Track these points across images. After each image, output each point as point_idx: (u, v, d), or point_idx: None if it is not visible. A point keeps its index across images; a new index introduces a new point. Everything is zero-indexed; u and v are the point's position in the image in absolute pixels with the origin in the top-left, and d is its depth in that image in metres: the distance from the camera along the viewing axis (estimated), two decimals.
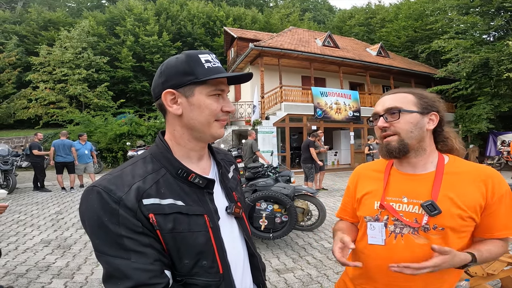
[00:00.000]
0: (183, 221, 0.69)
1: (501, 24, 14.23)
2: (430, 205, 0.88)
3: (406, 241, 0.91)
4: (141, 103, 22.19)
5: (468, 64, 13.64)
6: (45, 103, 17.42)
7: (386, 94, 1.01)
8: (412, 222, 0.90)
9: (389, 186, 0.99)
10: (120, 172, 0.71)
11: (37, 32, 22.06)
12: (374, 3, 32.86)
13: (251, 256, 0.87)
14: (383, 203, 0.96)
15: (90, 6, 30.36)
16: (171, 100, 0.74)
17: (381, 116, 0.96)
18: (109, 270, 0.63)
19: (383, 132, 0.96)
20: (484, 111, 14.06)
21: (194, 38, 25.02)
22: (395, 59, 18.30)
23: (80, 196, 0.66)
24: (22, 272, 3.11)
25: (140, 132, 13.64)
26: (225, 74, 0.73)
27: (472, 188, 0.90)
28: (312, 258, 3.56)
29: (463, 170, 0.94)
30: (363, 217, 1.02)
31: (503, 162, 12.41)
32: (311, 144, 7.51)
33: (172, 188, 0.72)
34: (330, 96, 13.41)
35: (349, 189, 1.16)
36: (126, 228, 0.63)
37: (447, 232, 0.88)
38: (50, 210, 5.91)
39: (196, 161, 0.80)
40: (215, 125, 0.76)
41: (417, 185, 0.95)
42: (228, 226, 0.80)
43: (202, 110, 0.73)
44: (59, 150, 7.65)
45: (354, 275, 1.05)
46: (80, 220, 0.67)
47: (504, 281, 2.68)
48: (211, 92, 0.74)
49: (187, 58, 0.73)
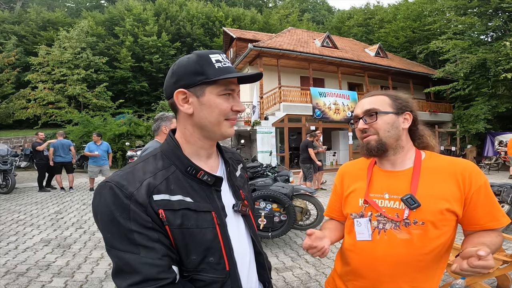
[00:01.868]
0: (192, 217, 0.71)
1: (499, 24, 14.26)
2: (409, 198, 0.91)
3: (388, 236, 0.93)
4: (140, 103, 22.19)
5: (466, 64, 13.68)
6: (44, 103, 17.41)
7: (364, 97, 1.07)
8: (394, 217, 0.93)
9: (371, 183, 1.03)
10: (132, 169, 0.73)
11: (36, 32, 22.04)
12: (372, 3, 32.96)
13: (257, 254, 0.87)
14: (366, 199, 1.00)
15: (89, 6, 30.35)
16: (183, 100, 0.76)
17: (361, 118, 1.03)
18: (118, 264, 0.65)
19: (363, 134, 1.02)
20: (482, 111, 14.11)
21: (193, 39, 25.04)
22: (394, 59, 18.37)
23: (80, 197, 0.68)
24: (22, 271, 3.12)
25: (139, 132, 13.64)
26: (235, 74, 0.75)
27: (449, 182, 0.93)
28: (311, 257, 3.58)
29: (440, 165, 0.97)
30: (349, 214, 1.05)
31: (500, 162, 12.46)
32: (309, 144, 7.55)
33: (182, 185, 0.74)
34: (329, 96, 13.45)
35: (336, 188, 1.20)
36: (136, 223, 0.65)
37: (428, 226, 0.90)
38: (49, 209, 5.92)
39: (205, 159, 0.82)
40: (225, 124, 0.78)
41: (397, 181, 0.98)
42: (235, 224, 0.82)
43: (212, 110, 0.75)
44: (58, 150, 7.66)
45: (343, 272, 1.07)
46: (93, 214, 0.70)
47: (500, 279, 2.70)
48: (221, 92, 0.75)
49: (197, 58, 0.74)
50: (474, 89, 14.78)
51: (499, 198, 4.08)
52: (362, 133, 1.02)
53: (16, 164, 8.07)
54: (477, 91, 14.95)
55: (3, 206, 6.18)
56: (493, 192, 4.16)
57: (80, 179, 10.08)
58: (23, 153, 12.85)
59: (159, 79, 22.40)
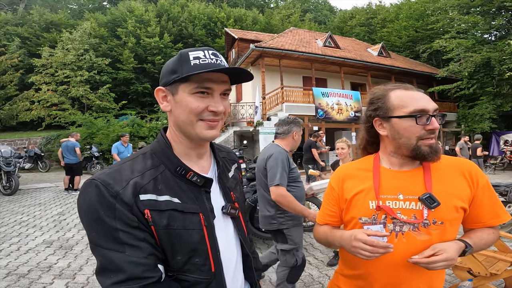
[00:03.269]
0: (178, 218, 0.70)
1: (502, 23, 14.21)
2: (428, 197, 0.87)
3: (407, 238, 0.89)
4: (143, 104, 22.24)
5: (470, 63, 13.62)
6: (48, 105, 17.48)
7: (416, 89, 0.97)
8: (411, 219, 0.89)
9: (381, 184, 0.96)
10: (119, 167, 0.72)
11: (39, 34, 22.16)
12: (375, 3, 32.81)
13: (245, 257, 0.86)
14: (379, 204, 0.93)
15: (91, 8, 30.47)
16: (162, 97, 0.76)
17: (432, 116, 0.90)
18: (103, 262, 0.64)
19: (430, 134, 0.90)
20: (487, 110, 14.03)
21: (196, 39, 25.07)
22: (397, 59, 18.27)
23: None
24: (24, 273, 3.12)
25: (142, 134, 13.68)
26: (205, 70, 0.69)
27: (459, 180, 0.92)
28: (314, 258, 3.55)
29: (445, 164, 0.95)
30: (358, 218, 0.97)
31: (506, 162, 12.36)
32: (312, 145, 7.51)
33: (170, 185, 0.72)
34: (332, 96, 13.40)
35: (333, 191, 1.08)
36: (122, 222, 0.64)
37: (446, 226, 0.88)
38: (52, 211, 5.93)
39: (195, 159, 0.80)
40: (199, 125, 0.73)
41: (409, 181, 0.94)
42: (223, 226, 0.80)
43: (183, 108, 0.72)
44: (64, 152, 7.69)
45: (351, 275, 1.02)
46: (78, 212, 0.68)
47: (508, 281, 2.66)
48: (194, 90, 0.71)
49: (178, 57, 0.73)
50: (478, 88, 14.70)
51: (506, 198, 4.02)
52: (429, 133, 0.90)
53: (19, 165, 8.09)
54: (482, 90, 14.86)
55: (6, 207, 6.20)
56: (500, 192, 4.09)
57: (84, 180, 10.09)
58: (27, 154, 12.92)
59: None
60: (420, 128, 0.89)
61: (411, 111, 0.90)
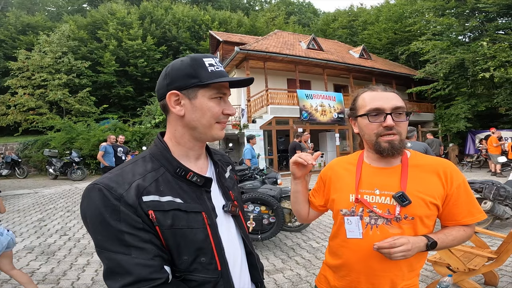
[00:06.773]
0: (182, 217, 0.71)
1: (476, 25, 14.66)
2: (401, 196, 0.94)
3: (381, 231, 0.96)
4: (125, 108, 21.77)
5: (445, 65, 14.06)
6: (24, 109, 16.86)
7: (382, 90, 1.02)
8: (385, 213, 0.96)
9: (361, 179, 1.04)
10: (121, 171, 0.73)
11: (15, 37, 21.37)
12: (356, 5, 33.64)
13: (249, 255, 0.88)
14: (357, 197, 1.01)
15: (70, 10, 29.67)
16: (175, 101, 0.77)
17: (389, 114, 0.95)
18: (110, 265, 0.64)
19: (388, 131, 0.96)
20: (462, 110, 14.53)
21: (180, 42, 24.84)
22: (377, 61, 18.77)
23: (64, 204, 0.65)
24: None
25: (125, 138, 13.37)
26: (228, 79, 0.77)
27: (434, 179, 0.98)
28: (301, 258, 3.60)
29: (424, 163, 1.02)
30: (339, 209, 1.05)
31: (482, 160, 12.81)
32: (297, 146, 7.59)
33: (171, 186, 0.74)
34: (315, 98, 13.59)
35: (322, 179, 1.19)
36: (127, 224, 0.65)
37: (417, 221, 0.95)
38: (32, 217, 5.73)
39: (194, 161, 0.83)
40: (216, 127, 0.79)
41: (387, 178, 1.01)
42: (225, 224, 0.82)
43: (204, 113, 0.77)
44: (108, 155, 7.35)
45: (335, 266, 1.08)
46: (81, 218, 0.69)
47: (487, 276, 2.75)
48: (213, 95, 0.77)
49: (191, 62, 0.76)
50: (454, 89, 15.21)
51: (481, 195, 4.18)
52: (386, 130, 0.96)
53: None
54: (457, 91, 15.40)
55: None
56: (475, 189, 4.24)
57: (64, 186, 9.78)
58: (4, 161, 12.40)
59: (144, 84, 22.04)
60: (377, 125, 0.97)
61: (367, 110, 0.99)
